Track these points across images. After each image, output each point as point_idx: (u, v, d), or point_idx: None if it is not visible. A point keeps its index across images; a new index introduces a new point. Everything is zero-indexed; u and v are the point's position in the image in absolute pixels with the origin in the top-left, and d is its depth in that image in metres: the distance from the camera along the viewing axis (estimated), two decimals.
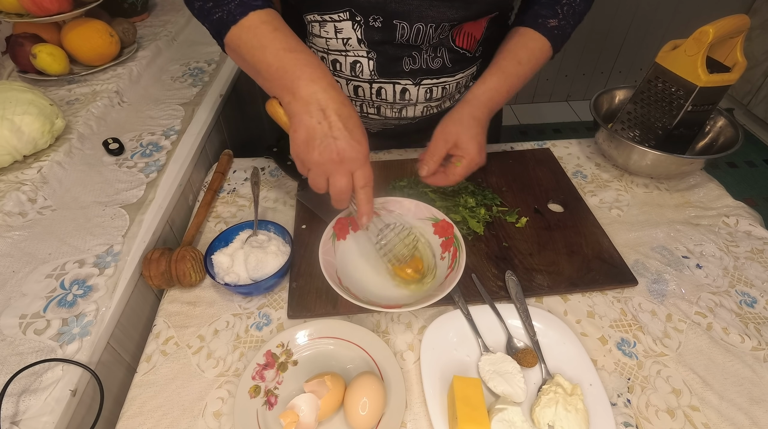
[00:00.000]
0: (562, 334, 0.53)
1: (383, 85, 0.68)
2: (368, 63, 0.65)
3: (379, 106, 0.72)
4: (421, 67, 0.66)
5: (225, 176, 0.77)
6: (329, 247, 0.58)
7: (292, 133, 0.50)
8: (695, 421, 0.47)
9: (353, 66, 0.66)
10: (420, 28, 0.60)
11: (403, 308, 0.50)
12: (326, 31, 0.63)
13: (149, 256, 0.57)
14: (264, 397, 0.48)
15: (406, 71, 0.66)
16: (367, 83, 0.68)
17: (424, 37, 0.62)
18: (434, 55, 0.65)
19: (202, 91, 0.91)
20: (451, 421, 0.45)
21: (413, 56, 0.64)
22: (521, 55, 0.65)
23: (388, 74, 0.66)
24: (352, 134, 0.48)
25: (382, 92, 0.69)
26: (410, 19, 0.59)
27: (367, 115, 0.74)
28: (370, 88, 0.68)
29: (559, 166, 0.78)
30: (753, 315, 0.57)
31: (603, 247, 0.64)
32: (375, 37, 0.61)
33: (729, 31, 0.62)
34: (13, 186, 0.65)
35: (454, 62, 0.68)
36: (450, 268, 0.55)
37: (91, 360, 0.49)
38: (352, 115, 0.49)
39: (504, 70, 0.64)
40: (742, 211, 0.70)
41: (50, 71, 0.85)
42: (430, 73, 0.67)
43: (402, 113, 0.74)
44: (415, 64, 0.65)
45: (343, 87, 0.70)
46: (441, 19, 0.59)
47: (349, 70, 0.66)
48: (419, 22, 0.60)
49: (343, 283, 0.54)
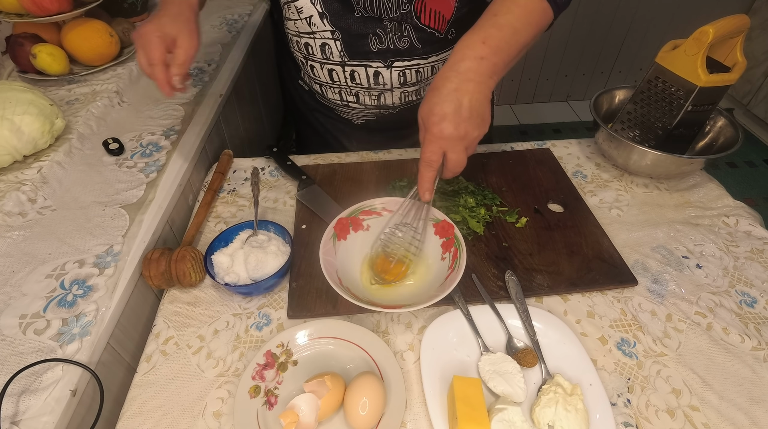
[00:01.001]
0: (562, 334, 0.53)
1: (355, 68, 0.68)
2: (335, 44, 0.66)
3: (356, 92, 0.73)
4: (389, 47, 0.66)
5: (225, 176, 0.77)
6: (330, 247, 0.58)
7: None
8: (695, 421, 0.47)
9: (323, 48, 0.67)
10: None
11: (404, 308, 0.50)
12: (292, 13, 0.65)
13: (149, 257, 0.57)
14: (264, 397, 0.48)
15: (374, 51, 0.66)
16: (339, 66, 0.68)
17: (380, 6, 0.61)
18: (400, 33, 0.65)
19: (202, 91, 0.91)
20: (451, 421, 0.45)
21: (378, 34, 0.64)
22: (498, 7, 0.53)
23: (357, 55, 0.67)
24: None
25: (356, 76, 0.69)
26: None
27: (347, 103, 0.75)
28: (343, 71, 0.69)
29: (559, 166, 0.78)
30: (753, 315, 0.57)
31: (603, 247, 0.64)
32: (334, 5, 0.62)
33: (729, 31, 0.62)
34: (13, 186, 0.65)
35: (424, 43, 0.67)
36: (450, 269, 0.55)
37: (91, 360, 0.49)
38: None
39: (478, 25, 0.52)
40: (742, 211, 0.70)
41: (50, 71, 0.85)
42: (399, 54, 0.67)
43: (380, 100, 0.74)
44: (381, 44, 0.65)
45: (317, 71, 0.72)
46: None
47: (320, 53, 0.68)
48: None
49: (343, 283, 0.54)
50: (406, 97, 0.75)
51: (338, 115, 0.82)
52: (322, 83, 0.74)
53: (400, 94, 0.74)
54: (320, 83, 0.74)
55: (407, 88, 0.73)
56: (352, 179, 0.75)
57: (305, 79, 0.79)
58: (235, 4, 1.26)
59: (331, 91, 0.74)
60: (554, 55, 2.40)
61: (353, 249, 0.60)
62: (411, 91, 0.74)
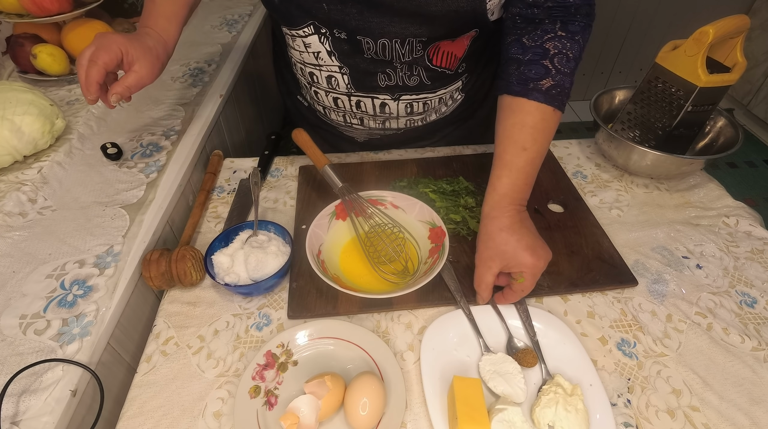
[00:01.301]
0: (562, 335, 0.53)
1: (362, 99, 0.68)
2: (342, 77, 0.65)
3: (361, 117, 0.72)
4: (398, 84, 0.65)
5: (216, 176, 0.77)
6: (324, 221, 0.61)
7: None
8: (695, 421, 0.47)
9: (329, 80, 0.66)
10: (385, 43, 0.59)
11: (364, 294, 0.53)
12: (297, 45, 0.64)
13: (148, 258, 0.57)
14: (264, 397, 0.48)
15: (382, 87, 0.66)
16: (345, 95, 0.68)
17: (393, 53, 0.60)
18: (410, 73, 0.64)
19: (202, 91, 0.91)
20: (451, 421, 0.45)
21: (388, 73, 0.64)
22: (523, 139, 0.54)
23: (364, 89, 0.66)
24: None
25: (362, 105, 0.69)
26: (373, 35, 0.58)
27: (350, 125, 0.74)
28: (349, 100, 0.69)
29: (559, 166, 0.78)
30: (753, 315, 0.57)
31: (603, 247, 0.64)
32: (344, 47, 0.61)
33: (729, 31, 0.62)
34: (14, 186, 0.65)
35: (434, 80, 0.66)
36: (425, 274, 0.56)
37: (91, 360, 0.49)
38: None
39: (510, 165, 0.55)
40: (742, 212, 0.70)
41: (50, 71, 0.85)
42: (408, 90, 0.67)
43: (385, 125, 0.74)
44: (390, 81, 0.65)
45: (322, 98, 0.70)
46: (404, 34, 0.58)
47: (326, 83, 0.67)
48: (383, 38, 0.59)
49: (322, 258, 0.57)
50: (412, 123, 0.74)
51: (340, 133, 0.81)
52: (326, 106, 0.73)
53: (406, 121, 0.73)
54: (323, 106, 0.73)
55: (413, 117, 0.72)
56: (352, 179, 0.75)
57: (306, 97, 0.78)
58: (235, 4, 1.26)
59: (335, 113, 0.73)
60: None
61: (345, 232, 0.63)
62: (417, 118, 0.73)
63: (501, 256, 0.53)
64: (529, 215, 0.57)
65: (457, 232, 0.65)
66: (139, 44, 0.60)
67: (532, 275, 0.52)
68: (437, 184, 0.71)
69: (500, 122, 0.57)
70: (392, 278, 0.57)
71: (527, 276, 0.52)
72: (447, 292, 0.57)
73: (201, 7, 1.24)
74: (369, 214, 0.61)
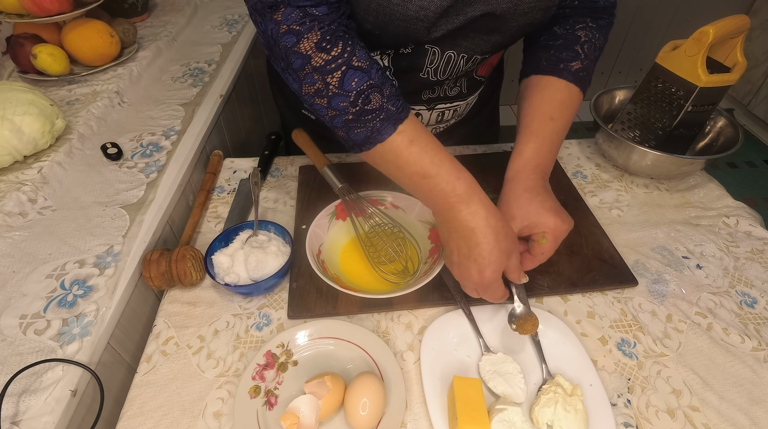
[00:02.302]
0: (562, 335, 0.53)
1: None
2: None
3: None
4: (439, 96, 0.65)
5: (216, 176, 0.77)
6: (324, 221, 0.61)
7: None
8: (695, 421, 0.47)
9: None
10: (451, 56, 0.58)
11: (363, 294, 0.53)
12: None
13: (148, 258, 0.57)
14: (264, 397, 0.48)
15: (423, 100, 0.66)
16: None
17: (453, 67, 0.59)
18: (453, 85, 0.64)
19: (202, 92, 0.91)
20: (451, 421, 0.45)
21: (434, 88, 0.63)
22: (550, 111, 0.56)
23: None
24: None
25: None
26: (442, 46, 0.57)
27: None
28: None
29: (559, 166, 0.78)
30: (753, 315, 0.57)
31: (603, 247, 0.64)
32: (403, 63, 0.59)
33: (729, 31, 0.62)
34: (14, 186, 0.65)
35: (470, 88, 0.67)
36: (425, 273, 0.56)
37: (91, 360, 0.49)
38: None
39: (537, 132, 0.55)
40: (742, 212, 0.70)
41: (50, 71, 0.85)
42: (447, 100, 0.67)
43: None
44: (433, 94, 0.65)
45: None
46: (474, 51, 0.57)
47: None
48: (451, 50, 0.57)
49: (323, 261, 0.57)
50: (437, 130, 0.73)
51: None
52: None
53: (433, 129, 0.72)
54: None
55: (439, 125, 0.71)
56: (352, 179, 0.75)
57: (299, 107, 0.76)
58: (235, 4, 1.26)
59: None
60: None
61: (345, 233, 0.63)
62: (442, 127, 0.72)
63: (523, 217, 0.52)
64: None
65: None
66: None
67: (554, 237, 0.51)
68: None
69: (527, 98, 0.58)
70: (392, 278, 0.57)
71: (549, 237, 0.51)
72: (447, 292, 0.57)
73: (201, 8, 1.24)
74: (369, 214, 0.61)
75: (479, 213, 0.47)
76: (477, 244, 0.46)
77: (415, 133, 0.47)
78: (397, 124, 0.46)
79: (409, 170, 0.48)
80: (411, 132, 0.47)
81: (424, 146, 0.47)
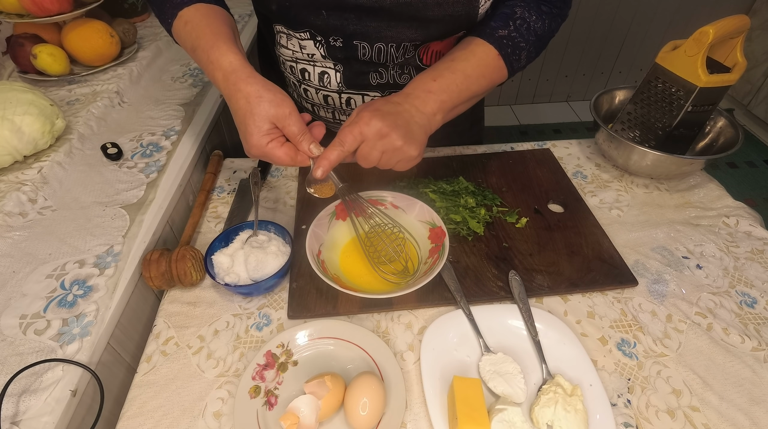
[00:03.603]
0: (562, 335, 0.53)
1: (352, 96, 0.68)
2: (335, 75, 0.65)
3: (350, 113, 0.72)
4: (389, 82, 0.66)
5: (217, 176, 0.77)
6: (324, 221, 0.61)
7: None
8: (695, 421, 0.47)
9: (321, 76, 0.66)
10: (381, 47, 0.60)
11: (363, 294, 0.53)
12: (292, 44, 0.64)
13: (148, 258, 0.57)
14: (264, 397, 0.48)
15: (373, 85, 0.66)
16: (336, 93, 0.68)
17: (387, 56, 0.62)
18: (401, 71, 0.65)
19: (203, 92, 0.91)
20: (451, 421, 0.45)
21: (380, 72, 0.64)
22: (456, 54, 0.57)
23: (355, 86, 0.66)
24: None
25: (352, 102, 0.69)
26: (369, 40, 0.60)
27: (339, 122, 0.74)
28: (339, 98, 0.69)
29: (559, 166, 0.78)
30: (753, 315, 0.57)
31: (603, 247, 0.64)
32: (338, 54, 0.62)
33: (729, 31, 0.63)
34: (14, 186, 0.65)
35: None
36: (425, 273, 0.56)
37: (91, 360, 0.49)
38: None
39: (435, 66, 0.56)
40: (742, 212, 0.70)
41: (51, 71, 0.85)
42: (398, 87, 0.67)
43: None
44: (382, 79, 0.66)
45: (312, 95, 0.70)
46: (401, 39, 0.59)
47: (318, 80, 0.67)
48: (379, 42, 0.60)
49: (322, 258, 0.57)
50: None
51: (329, 130, 0.81)
52: (315, 104, 0.73)
53: None
54: (312, 104, 0.73)
55: None
56: (352, 179, 0.75)
57: (294, 95, 0.78)
58: (235, 5, 1.25)
59: (324, 110, 0.74)
60: (554, 55, 2.40)
61: (346, 232, 0.63)
62: None
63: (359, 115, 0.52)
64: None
65: (457, 232, 0.65)
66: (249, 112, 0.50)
67: (360, 130, 0.51)
68: (437, 184, 0.71)
69: (449, 52, 0.59)
70: (392, 278, 0.57)
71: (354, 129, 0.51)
72: (447, 292, 0.57)
73: None
74: (369, 214, 0.61)
75: (224, 66, 0.50)
76: (235, 112, 0.51)
77: (192, 16, 0.55)
78: (177, 10, 0.55)
79: (187, 47, 0.56)
80: (188, 16, 0.55)
81: (195, 25, 0.54)
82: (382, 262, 0.59)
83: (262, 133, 0.49)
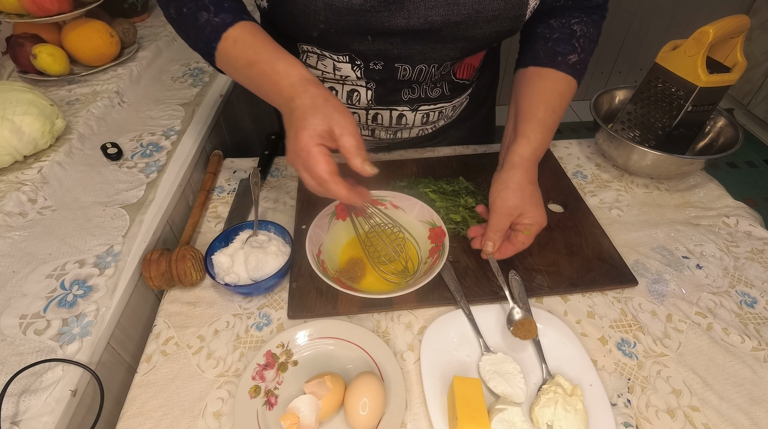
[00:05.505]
0: (562, 335, 0.53)
1: (380, 112, 0.68)
2: (366, 93, 0.64)
3: (374, 129, 0.72)
4: (420, 97, 0.66)
5: (216, 176, 0.77)
6: (324, 221, 0.61)
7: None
8: (695, 421, 0.47)
9: (350, 94, 0.65)
10: (422, 68, 0.60)
11: (381, 294, 0.53)
12: (324, 65, 0.62)
13: (148, 258, 0.57)
14: (264, 397, 0.48)
15: (404, 100, 0.66)
16: (364, 110, 0.68)
17: (426, 75, 0.62)
18: (434, 86, 0.65)
19: (202, 92, 0.91)
20: (451, 421, 0.45)
21: (413, 88, 0.64)
22: (554, 102, 0.58)
23: (386, 103, 0.66)
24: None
25: (379, 118, 0.69)
26: (413, 62, 0.59)
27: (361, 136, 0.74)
28: (366, 114, 0.68)
29: (559, 166, 0.78)
30: (753, 315, 0.57)
31: (603, 247, 0.64)
32: (375, 76, 0.61)
33: (729, 31, 0.62)
34: (14, 186, 0.65)
35: (453, 91, 0.68)
36: (425, 273, 0.55)
37: (91, 360, 0.49)
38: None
39: (543, 123, 0.58)
40: (742, 212, 0.70)
41: (50, 71, 0.85)
42: (428, 101, 0.67)
43: (396, 135, 0.74)
44: (413, 94, 0.65)
45: None
46: (444, 59, 0.59)
47: (346, 98, 0.66)
48: (422, 64, 0.59)
49: (322, 258, 0.58)
50: (422, 132, 0.74)
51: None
52: None
53: (419, 131, 0.73)
54: None
55: (426, 126, 0.72)
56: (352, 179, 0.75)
57: None
58: None
59: None
60: None
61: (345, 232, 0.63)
62: (429, 128, 0.73)
63: (521, 206, 0.55)
64: None
65: (457, 232, 0.65)
66: (312, 114, 0.47)
67: (536, 232, 0.56)
68: (437, 184, 0.71)
69: (528, 86, 0.60)
70: (392, 278, 0.57)
71: (534, 231, 0.56)
72: (447, 292, 0.57)
73: None
74: (369, 214, 0.61)
75: (293, 75, 0.48)
76: (295, 109, 0.47)
77: (239, 35, 0.52)
78: (221, 32, 0.51)
79: (239, 64, 0.52)
80: (236, 35, 0.51)
81: (247, 42, 0.51)
82: (382, 262, 0.59)
83: (316, 133, 0.45)
